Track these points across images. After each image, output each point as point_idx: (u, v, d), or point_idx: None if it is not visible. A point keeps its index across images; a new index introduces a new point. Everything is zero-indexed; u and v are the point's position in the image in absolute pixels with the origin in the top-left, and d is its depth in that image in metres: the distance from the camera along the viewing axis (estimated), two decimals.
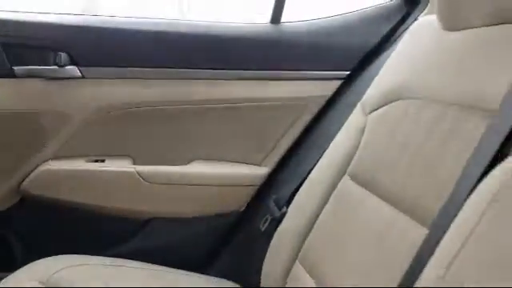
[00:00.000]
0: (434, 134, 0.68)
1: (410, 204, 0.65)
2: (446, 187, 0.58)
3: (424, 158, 0.67)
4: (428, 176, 0.64)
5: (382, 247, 0.65)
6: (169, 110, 1.07)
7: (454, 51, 0.76)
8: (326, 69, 1.10)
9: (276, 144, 1.11)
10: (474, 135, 0.59)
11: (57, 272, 0.87)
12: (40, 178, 1.05)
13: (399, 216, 0.66)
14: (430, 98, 0.73)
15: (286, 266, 0.86)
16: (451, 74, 0.73)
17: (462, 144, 0.61)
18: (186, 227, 1.12)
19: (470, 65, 0.69)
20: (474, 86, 0.65)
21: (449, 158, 0.62)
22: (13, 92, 1.00)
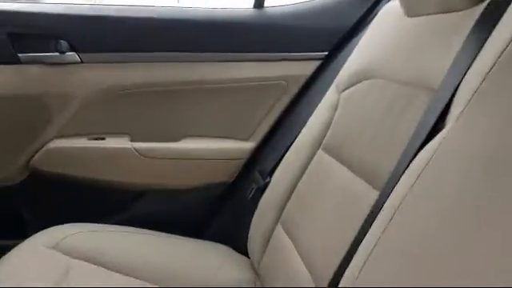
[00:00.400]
0: (392, 110, 0.77)
1: (369, 171, 0.74)
2: (396, 158, 0.68)
3: (383, 132, 0.76)
4: (384, 147, 0.72)
5: (343, 210, 0.74)
6: (162, 91, 1.15)
7: (412, 36, 0.84)
8: (306, 50, 1.17)
9: (261, 120, 1.20)
10: (420, 112, 0.68)
11: (65, 238, 0.96)
12: (46, 155, 1.14)
13: (359, 182, 0.76)
14: (390, 78, 0.82)
15: (269, 229, 0.96)
16: (408, 56, 0.81)
17: (411, 119, 0.69)
18: (179, 197, 1.21)
19: (422, 48, 0.78)
20: (424, 68, 0.73)
21: (401, 132, 0.70)
22: (19, 77, 1.08)
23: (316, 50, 1.17)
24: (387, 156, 0.70)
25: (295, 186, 0.94)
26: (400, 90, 0.77)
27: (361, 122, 0.85)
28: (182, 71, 1.15)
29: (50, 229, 1.00)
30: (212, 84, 1.16)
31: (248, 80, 1.17)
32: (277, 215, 0.95)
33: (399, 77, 0.79)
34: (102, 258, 0.94)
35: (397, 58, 0.84)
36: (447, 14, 0.75)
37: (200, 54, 1.14)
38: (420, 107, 0.69)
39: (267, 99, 1.19)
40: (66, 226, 1.02)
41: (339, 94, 0.97)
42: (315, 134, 0.96)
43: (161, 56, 1.13)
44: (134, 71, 1.13)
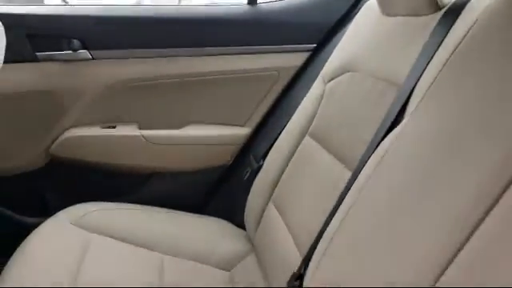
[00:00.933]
0: (367, 102, 0.88)
1: (346, 155, 0.85)
2: (367, 144, 0.79)
3: (359, 121, 0.86)
4: (359, 135, 0.82)
5: (323, 189, 0.86)
6: (165, 83, 1.26)
7: (386, 34, 0.94)
8: (295, 43, 1.27)
9: (255, 108, 1.30)
10: (388, 104, 0.79)
11: (84, 215, 1.09)
12: (64, 143, 1.25)
13: (338, 164, 0.87)
14: (367, 72, 0.93)
15: (262, 206, 1.07)
16: (382, 53, 0.92)
17: (382, 111, 0.80)
18: (183, 178, 1.32)
19: (393, 46, 0.88)
20: (394, 65, 0.84)
21: (373, 122, 0.80)
22: (36, 73, 1.19)
23: (305, 42, 1.27)
24: (361, 142, 0.81)
25: (285, 168, 1.05)
26: (374, 84, 0.88)
27: (341, 112, 0.96)
28: (183, 65, 1.25)
29: (71, 207, 1.12)
30: (211, 76, 1.27)
31: (243, 71, 1.27)
32: (269, 194, 1.07)
33: (374, 72, 0.90)
34: (116, 232, 1.06)
35: (373, 54, 0.95)
36: (415, 17, 0.85)
37: (199, 49, 1.24)
38: (389, 100, 0.80)
39: (261, 89, 1.29)
40: (85, 205, 1.13)
41: (324, 85, 1.07)
42: (303, 122, 1.07)
43: (164, 52, 1.23)
44: (140, 66, 1.23)
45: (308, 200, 0.91)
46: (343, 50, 1.08)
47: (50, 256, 0.96)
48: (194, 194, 1.33)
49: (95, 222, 1.08)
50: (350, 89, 0.97)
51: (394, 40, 0.89)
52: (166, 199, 1.25)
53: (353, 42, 1.06)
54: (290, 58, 1.28)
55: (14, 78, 1.15)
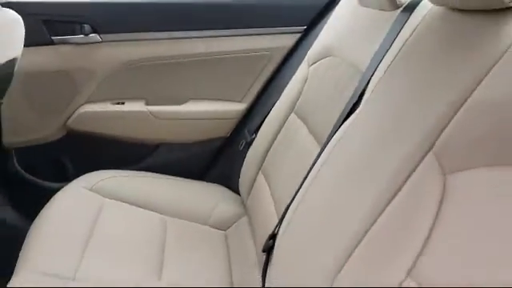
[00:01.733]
0: (338, 85, 0.99)
1: (319, 133, 0.98)
2: (334, 122, 0.91)
3: (331, 103, 0.98)
4: (330, 116, 0.93)
5: (300, 162, 0.98)
6: (169, 63, 1.38)
7: (361, 23, 1.05)
8: (286, 25, 1.37)
9: (250, 86, 1.42)
10: (353, 89, 0.90)
11: (99, 182, 1.22)
12: (79, 117, 1.39)
13: (312, 141, 0.99)
14: (342, 58, 1.03)
15: (253, 175, 1.21)
16: (354, 41, 1.02)
17: (348, 95, 0.92)
18: (186, 149, 1.45)
19: (363, 36, 0.99)
20: (361, 53, 0.94)
21: (342, 105, 0.92)
22: (53, 55, 1.32)
23: (295, 24, 1.37)
24: (330, 124, 0.92)
25: (273, 141, 1.18)
26: (346, 69, 0.99)
27: (319, 93, 1.08)
28: (184, 47, 1.37)
29: (87, 175, 1.26)
30: (210, 56, 1.39)
31: (239, 52, 1.39)
32: (259, 164, 1.20)
33: (347, 57, 1.01)
34: (127, 197, 1.20)
35: (348, 41, 1.06)
36: (381, 12, 0.95)
37: (199, 31, 1.36)
38: (354, 86, 0.92)
39: (255, 68, 1.41)
40: (100, 172, 1.27)
41: (309, 67, 1.19)
42: (290, 100, 1.19)
43: (166, 35, 1.35)
44: (146, 47, 1.35)
45: (288, 171, 1.04)
46: (326, 35, 1.18)
47: (68, 218, 1.10)
48: (196, 163, 1.46)
49: (108, 187, 1.21)
50: (328, 72, 1.08)
51: (364, 30, 1.00)
52: (171, 167, 1.38)
53: (334, 28, 1.17)
54: (282, 40, 1.39)
55: (33, 60, 1.29)
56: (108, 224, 1.10)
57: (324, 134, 0.93)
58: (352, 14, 1.09)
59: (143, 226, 1.14)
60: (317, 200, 0.76)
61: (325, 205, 0.72)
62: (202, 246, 1.15)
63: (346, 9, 1.14)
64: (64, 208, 1.13)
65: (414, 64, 0.69)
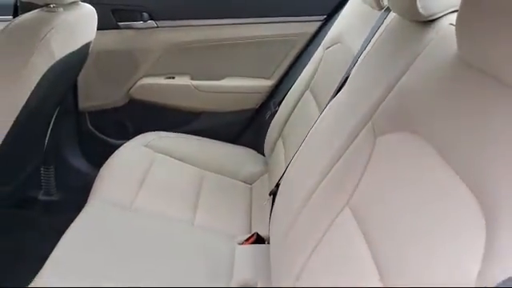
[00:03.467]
0: (340, 67, 1.20)
1: (322, 105, 1.21)
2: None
3: (333, 81, 1.19)
4: (332, 90, 1.15)
5: (305, 128, 1.20)
6: (211, 45, 1.66)
7: (359, 16, 1.26)
8: (309, 14, 1.61)
9: (278, 66, 1.68)
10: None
11: (153, 140, 1.51)
12: (138, 88, 1.70)
13: (316, 111, 1.23)
14: (345, 44, 1.26)
15: (275, 140, 1.47)
16: (354, 32, 1.24)
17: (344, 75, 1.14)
18: (222, 117, 1.73)
19: (359, 28, 1.20)
20: (355, 42, 1.15)
21: (337, 82, 1.15)
22: (118, 38, 1.64)
23: (316, 14, 1.61)
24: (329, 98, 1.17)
25: (291, 113, 1.44)
26: (346, 54, 1.21)
27: (327, 73, 1.31)
28: (224, 32, 1.65)
29: (143, 134, 1.55)
30: (244, 40, 1.66)
31: (269, 37, 1.65)
32: (279, 131, 1.46)
33: (348, 45, 1.24)
34: (174, 153, 1.48)
35: (350, 32, 1.28)
36: (373, 10, 1.17)
37: (236, 19, 1.63)
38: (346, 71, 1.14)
39: (282, 50, 1.66)
40: (153, 133, 1.56)
41: (324, 51, 1.42)
42: (307, 78, 1.43)
43: (210, 22, 1.64)
44: (193, 32, 1.65)
45: (297, 138, 1.28)
46: (338, 24, 1.41)
47: (127, 166, 1.39)
48: (230, 129, 1.73)
49: (159, 145, 1.51)
50: (336, 56, 1.32)
51: (360, 23, 1.22)
52: (209, 132, 1.67)
53: (344, 19, 1.39)
54: (305, 27, 1.63)
55: (103, 41, 1.60)
56: (157, 172, 1.40)
57: (323, 107, 1.17)
58: (356, 8, 1.31)
59: (184, 176, 1.43)
60: (302, 157, 1.02)
61: (304, 158, 0.98)
62: (231, 195, 1.42)
63: (354, 3, 1.36)
64: (124, 159, 1.43)
65: (375, 56, 0.93)
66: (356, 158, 0.80)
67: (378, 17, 1.08)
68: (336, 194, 0.80)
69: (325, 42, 1.43)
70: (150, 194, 1.29)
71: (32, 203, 1.73)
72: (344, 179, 0.80)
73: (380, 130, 0.77)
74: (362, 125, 0.81)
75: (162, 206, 1.26)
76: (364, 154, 0.78)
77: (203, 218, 1.27)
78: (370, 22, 1.14)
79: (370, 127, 0.80)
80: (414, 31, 0.81)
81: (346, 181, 0.80)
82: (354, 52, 1.16)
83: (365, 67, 0.96)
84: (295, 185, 1.00)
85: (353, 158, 0.80)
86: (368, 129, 0.80)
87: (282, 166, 1.29)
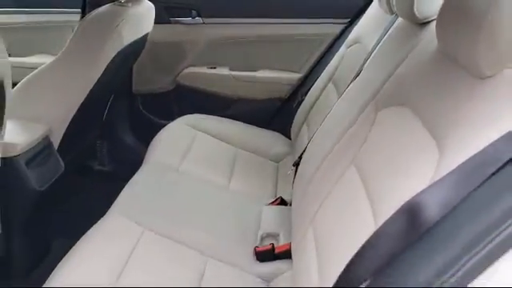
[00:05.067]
0: (357, 62, 1.43)
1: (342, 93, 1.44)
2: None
3: (351, 74, 1.41)
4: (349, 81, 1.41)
5: (325, 115, 1.45)
6: (248, 41, 1.92)
7: (375, 21, 1.48)
8: (335, 17, 1.84)
9: (306, 61, 1.91)
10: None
11: (195, 121, 1.74)
12: (184, 75, 1.97)
13: (337, 100, 1.46)
14: (362, 44, 1.48)
15: (300, 126, 1.68)
16: (370, 33, 1.45)
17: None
18: (256, 104, 1.97)
19: (374, 30, 1.42)
20: (370, 42, 1.39)
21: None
22: (169, 31, 1.91)
23: (342, 17, 1.83)
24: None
25: (315, 102, 1.66)
26: (362, 53, 1.43)
27: (347, 67, 1.53)
28: (261, 29, 1.90)
29: (187, 116, 1.80)
30: (278, 37, 1.90)
31: (300, 35, 1.89)
32: (304, 118, 1.68)
33: (366, 45, 1.45)
34: (212, 132, 1.72)
35: (369, 32, 1.50)
36: (387, 14, 1.39)
37: (272, 19, 1.88)
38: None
39: (310, 48, 1.89)
40: (195, 115, 1.80)
41: (346, 49, 1.64)
42: (330, 72, 1.65)
43: (248, 20, 1.89)
44: (233, 29, 1.90)
45: (317, 124, 1.51)
46: (358, 27, 1.63)
47: (173, 142, 1.64)
48: (262, 115, 1.97)
49: (200, 125, 1.75)
50: (355, 54, 1.53)
51: (376, 26, 1.43)
52: (244, 116, 1.89)
53: (364, 21, 1.61)
54: (331, 28, 1.86)
55: (157, 34, 1.84)
56: (198, 147, 1.64)
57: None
58: (374, 12, 1.53)
59: (221, 151, 1.67)
60: (320, 134, 1.26)
61: (322, 135, 1.22)
62: (260, 169, 1.66)
63: (373, 8, 1.58)
64: (171, 135, 1.69)
65: (382, 52, 1.15)
66: (361, 127, 1.02)
67: (390, 20, 1.30)
68: (344, 156, 1.03)
69: (347, 41, 1.65)
70: (193, 162, 1.54)
71: (88, 172, 2.00)
72: (351, 144, 1.03)
73: (380, 106, 0.99)
74: (367, 103, 1.04)
75: (202, 171, 1.50)
76: (367, 124, 1.00)
77: (236, 184, 1.51)
78: (383, 24, 1.36)
79: (373, 104, 1.02)
80: (411, 31, 1.03)
81: (352, 145, 1.02)
82: (369, 50, 1.38)
83: (373, 61, 1.19)
84: (314, 155, 1.23)
85: (359, 128, 1.03)
86: (372, 106, 1.02)
87: (305, 145, 1.52)
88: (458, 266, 0.50)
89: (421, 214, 0.57)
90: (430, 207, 0.56)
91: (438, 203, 0.56)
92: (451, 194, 0.56)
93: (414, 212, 0.58)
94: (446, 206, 0.56)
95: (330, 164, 1.09)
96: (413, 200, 0.59)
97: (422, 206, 0.57)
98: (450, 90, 0.74)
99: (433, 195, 0.57)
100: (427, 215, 0.56)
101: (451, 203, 0.55)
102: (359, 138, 1.01)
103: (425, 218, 0.56)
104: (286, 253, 1.15)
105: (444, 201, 0.56)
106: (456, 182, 0.57)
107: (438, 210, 0.56)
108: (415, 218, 0.57)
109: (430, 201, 0.57)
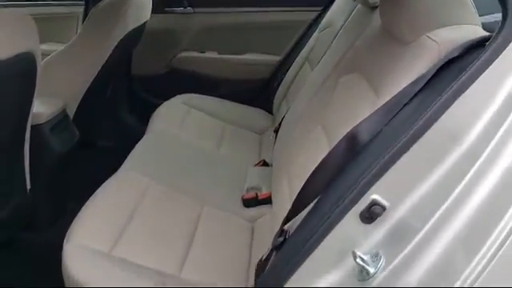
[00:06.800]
0: (327, 44, 1.70)
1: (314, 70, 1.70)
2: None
3: (322, 54, 1.69)
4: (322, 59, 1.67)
5: (309, 92, 1.71)
6: (236, 28, 2.17)
7: (343, 7, 1.74)
8: (310, 5, 2.09)
9: (286, 44, 2.16)
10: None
11: (189, 99, 1.98)
12: (177, 60, 2.22)
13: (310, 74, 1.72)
14: (333, 28, 1.74)
15: (280, 102, 1.95)
16: (340, 18, 1.72)
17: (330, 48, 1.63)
18: (241, 84, 2.22)
19: (343, 15, 1.68)
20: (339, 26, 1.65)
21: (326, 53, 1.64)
22: (163, 20, 2.14)
23: (316, 5, 2.09)
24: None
25: (293, 80, 1.92)
26: (332, 36, 1.69)
27: (320, 50, 1.78)
28: (246, 17, 2.16)
29: (181, 95, 2.01)
30: (261, 24, 2.16)
31: (280, 22, 2.17)
32: (284, 94, 1.94)
33: (336, 28, 1.71)
34: (204, 109, 1.95)
35: (338, 17, 1.75)
36: (353, 2, 1.64)
37: (255, 7, 2.14)
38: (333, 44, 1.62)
39: (290, 33, 2.15)
40: (188, 95, 2.03)
41: (319, 33, 1.90)
42: (306, 54, 1.92)
43: (234, 9, 2.15)
44: (221, 17, 2.16)
45: (299, 100, 1.75)
46: (330, 12, 1.89)
47: (169, 117, 1.86)
48: (247, 94, 2.22)
49: (192, 103, 1.98)
50: (326, 37, 1.79)
51: (344, 11, 1.68)
52: (231, 95, 2.13)
53: (335, 8, 1.86)
54: (307, 15, 2.12)
55: (154, 23, 2.07)
56: (192, 120, 1.88)
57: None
58: (342, 1, 1.79)
59: (212, 125, 1.90)
60: (295, 104, 1.51)
61: (296, 105, 1.47)
62: (246, 140, 1.90)
63: None
64: (168, 111, 1.92)
65: (343, 33, 1.41)
66: (325, 92, 1.28)
67: (352, 7, 1.55)
68: (312, 117, 1.28)
69: (320, 26, 1.91)
70: (188, 132, 1.78)
71: (91, 146, 2.23)
72: (318, 107, 1.28)
73: (339, 75, 1.24)
74: (331, 73, 1.29)
75: (196, 140, 1.74)
76: (330, 91, 1.26)
77: (225, 150, 1.75)
78: (349, 11, 1.62)
79: (335, 74, 1.27)
80: (366, 14, 1.29)
81: (318, 109, 1.27)
82: (336, 32, 1.64)
83: (337, 40, 1.45)
84: (289, 121, 1.48)
85: (323, 93, 1.29)
86: (333, 76, 1.28)
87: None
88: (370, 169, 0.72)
89: (356, 139, 0.82)
90: (362, 133, 0.82)
91: (368, 130, 0.81)
92: (377, 123, 0.81)
93: (352, 138, 0.83)
94: (373, 131, 0.81)
95: (301, 125, 1.34)
96: (352, 130, 0.84)
97: (357, 133, 0.82)
98: (384, 55, 1.00)
99: (365, 125, 0.83)
100: (360, 139, 0.81)
101: (377, 129, 0.80)
102: (324, 103, 1.26)
103: (358, 141, 0.81)
104: (267, 199, 1.39)
105: (372, 127, 0.81)
106: (381, 114, 0.82)
107: (368, 135, 0.81)
108: (353, 142, 0.83)
109: (363, 129, 0.82)
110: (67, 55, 1.59)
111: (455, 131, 0.65)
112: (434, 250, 0.63)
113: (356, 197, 0.69)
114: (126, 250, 1.04)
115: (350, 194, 0.70)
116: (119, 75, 2.12)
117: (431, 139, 0.67)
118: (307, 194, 0.90)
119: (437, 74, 0.76)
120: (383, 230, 0.67)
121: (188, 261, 1.08)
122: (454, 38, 0.83)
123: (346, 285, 0.68)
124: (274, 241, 0.92)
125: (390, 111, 0.80)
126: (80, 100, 1.68)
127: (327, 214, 0.72)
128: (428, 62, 0.83)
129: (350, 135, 0.84)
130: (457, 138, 0.64)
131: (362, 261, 0.65)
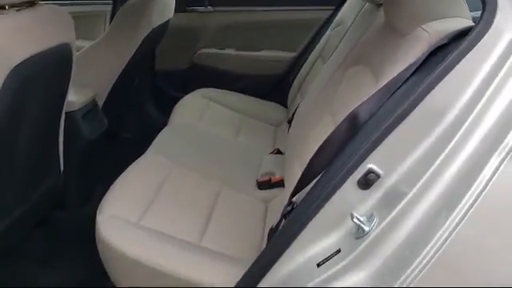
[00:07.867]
0: (338, 40, 1.80)
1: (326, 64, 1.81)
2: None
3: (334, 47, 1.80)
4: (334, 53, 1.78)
5: (320, 84, 1.82)
6: (254, 26, 2.30)
7: (355, 4, 1.84)
8: (324, 4, 2.20)
9: (301, 41, 2.28)
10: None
11: (207, 93, 2.10)
12: (198, 55, 2.35)
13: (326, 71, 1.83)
14: (344, 25, 1.85)
15: (295, 96, 2.06)
16: (352, 16, 1.82)
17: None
18: (258, 79, 2.34)
19: (354, 13, 1.79)
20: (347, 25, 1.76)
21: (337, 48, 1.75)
22: (185, 19, 2.28)
23: (330, 4, 2.19)
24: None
25: (307, 75, 2.04)
26: (343, 32, 1.80)
27: (332, 46, 1.89)
28: (264, 16, 2.28)
29: (200, 89, 2.13)
30: (276, 22, 2.28)
31: (295, 20, 2.28)
32: (298, 89, 2.06)
33: (347, 26, 1.81)
34: (222, 103, 2.08)
35: (349, 15, 1.85)
36: (363, 1, 1.75)
37: (273, 7, 2.26)
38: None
39: (304, 30, 2.27)
40: (208, 89, 2.14)
41: (331, 30, 2.01)
42: (319, 50, 2.03)
43: (252, 8, 2.26)
44: (240, 16, 2.28)
45: (311, 93, 1.86)
46: (342, 11, 1.99)
47: (189, 110, 1.98)
48: (263, 88, 2.34)
49: (212, 97, 2.10)
50: (338, 34, 1.90)
51: (354, 10, 1.79)
52: (249, 89, 2.24)
53: (346, 6, 1.97)
54: (321, 14, 2.22)
55: (176, 20, 2.21)
56: (211, 113, 2.00)
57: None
58: (353, 0, 1.90)
59: (230, 117, 2.02)
60: (307, 97, 1.62)
61: (308, 97, 1.58)
62: (262, 131, 2.01)
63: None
64: (189, 104, 2.04)
65: (352, 30, 1.52)
66: (334, 84, 1.38)
67: (361, 5, 1.66)
68: (322, 107, 1.39)
69: (332, 24, 2.02)
70: (207, 123, 1.91)
71: (115, 138, 2.36)
72: (327, 98, 1.39)
73: (346, 68, 1.35)
74: (338, 66, 1.40)
75: (215, 129, 1.87)
76: (338, 82, 1.37)
77: (242, 139, 1.87)
78: (358, 9, 1.72)
79: (343, 67, 1.38)
80: (373, 10, 1.40)
81: (328, 99, 1.38)
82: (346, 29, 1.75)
83: (346, 36, 1.56)
84: (302, 112, 1.59)
85: (332, 84, 1.39)
86: (341, 69, 1.39)
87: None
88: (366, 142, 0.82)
89: (357, 118, 0.93)
90: (362, 113, 0.92)
91: (367, 110, 0.92)
92: (375, 104, 0.91)
93: (353, 118, 0.94)
94: (372, 111, 0.91)
95: (312, 115, 1.45)
96: (353, 110, 0.95)
97: (358, 113, 0.93)
98: (386, 47, 1.11)
99: (365, 106, 0.93)
100: (360, 118, 0.92)
101: (375, 109, 0.91)
102: (333, 93, 1.37)
103: (359, 120, 0.92)
104: (279, 182, 1.51)
105: (371, 108, 0.92)
106: (379, 96, 0.92)
107: (367, 115, 0.91)
108: (354, 121, 0.93)
109: (363, 109, 0.93)
110: (97, 51, 1.73)
111: (438, 108, 0.75)
112: (419, 210, 0.74)
113: (354, 166, 0.80)
114: (153, 221, 1.16)
115: (348, 164, 0.81)
116: (144, 70, 2.26)
117: (418, 116, 0.77)
118: (313, 168, 1.01)
119: (426, 61, 0.87)
120: (377, 195, 0.78)
121: (207, 232, 1.20)
122: (444, 29, 0.93)
123: (346, 241, 0.79)
124: (283, 210, 1.04)
125: (386, 94, 0.91)
126: (108, 93, 1.81)
127: (329, 182, 0.83)
128: (420, 50, 0.93)
129: (352, 115, 0.95)
130: (439, 114, 0.74)
131: (359, 221, 0.77)
